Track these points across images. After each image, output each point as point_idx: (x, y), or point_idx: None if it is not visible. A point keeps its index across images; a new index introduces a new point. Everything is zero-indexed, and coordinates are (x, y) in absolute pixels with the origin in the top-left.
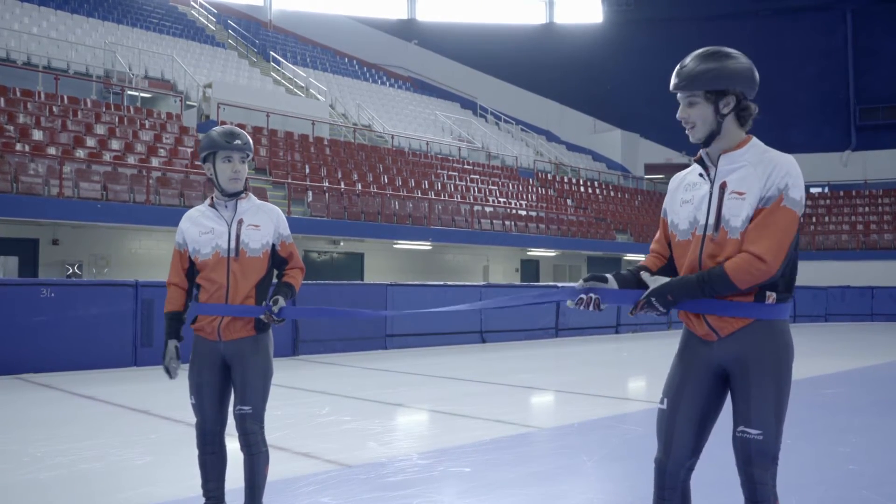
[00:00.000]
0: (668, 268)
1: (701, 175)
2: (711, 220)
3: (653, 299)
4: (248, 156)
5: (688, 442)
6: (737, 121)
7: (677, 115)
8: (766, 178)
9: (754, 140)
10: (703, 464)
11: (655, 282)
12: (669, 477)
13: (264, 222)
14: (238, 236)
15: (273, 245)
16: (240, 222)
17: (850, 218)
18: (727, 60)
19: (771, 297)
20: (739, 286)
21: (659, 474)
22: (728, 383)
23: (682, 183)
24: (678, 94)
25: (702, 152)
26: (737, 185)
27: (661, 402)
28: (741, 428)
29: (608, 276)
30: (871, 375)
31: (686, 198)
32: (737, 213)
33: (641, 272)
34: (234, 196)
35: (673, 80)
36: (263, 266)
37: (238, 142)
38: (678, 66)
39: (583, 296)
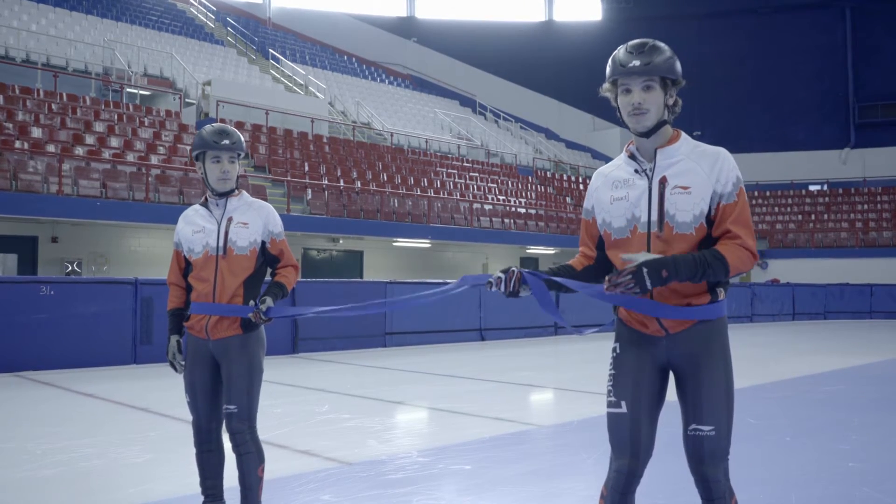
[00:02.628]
0: (596, 268)
1: (636, 171)
2: (654, 217)
3: (644, 270)
4: (238, 155)
5: (650, 443)
6: (670, 116)
7: (633, 101)
8: (717, 172)
9: (683, 134)
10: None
11: (643, 255)
12: (636, 481)
13: (253, 220)
14: (226, 234)
15: (263, 242)
16: (229, 220)
17: (848, 216)
18: (668, 50)
19: (721, 293)
20: (731, 274)
21: (627, 480)
22: (668, 380)
23: (608, 180)
24: (627, 80)
25: (632, 148)
26: (679, 180)
27: (618, 406)
28: (693, 426)
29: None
30: (870, 373)
31: (618, 195)
32: (684, 208)
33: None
34: (226, 194)
35: (632, 62)
36: (251, 264)
37: (226, 141)
38: (626, 51)
39: (501, 275)
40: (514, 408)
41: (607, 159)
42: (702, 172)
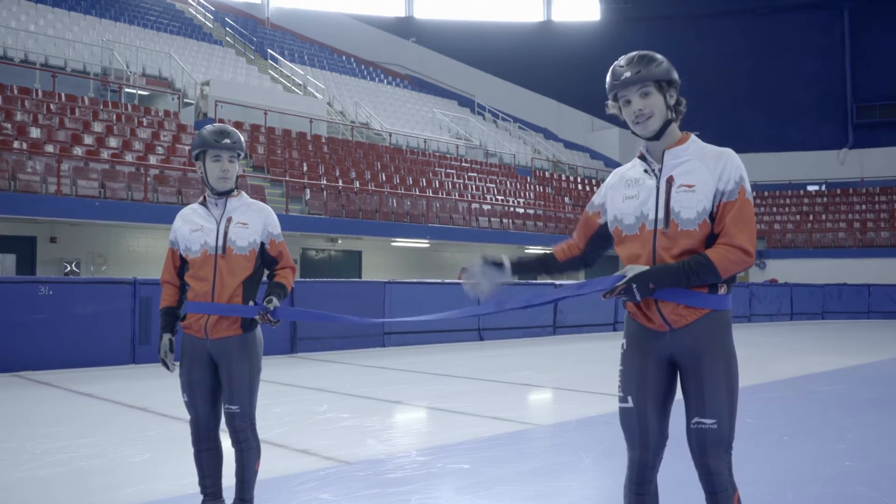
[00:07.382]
0: (579, 260)
1: (646, 171)
2: (661, 215)
3: (634, 286)
4: (238, 155)
5: (660, 434)
6: (675, 116)
7: (633, 109)
8: (720, 171)
9: (693, 136)
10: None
11: (634, 269)
12: (649, 471)
13: (253, 220)
14: (226, 234)
15: (262, 244)
16: (228, 220)
17: (846, 216)
18: (660, 57)
19: (723, 287)
20: (723, 276)
21: (639, 471)
22: (676, 373)
23: (622, 179)
24: (624, 92)
25: (643, 149)
26: (684, 179)
27: (625, 401)
28: (696, 419)
29: (503, 260)
30: (867, 373)
31: (630, 193)
32: (688, 206)
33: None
34: (226, 194)
35: (624, 75)
36: (251, 264)
37: (227, 141)
38: (618, 66)
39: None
40: (512, 407)
41: (606, 159)
42: (706, 171)
